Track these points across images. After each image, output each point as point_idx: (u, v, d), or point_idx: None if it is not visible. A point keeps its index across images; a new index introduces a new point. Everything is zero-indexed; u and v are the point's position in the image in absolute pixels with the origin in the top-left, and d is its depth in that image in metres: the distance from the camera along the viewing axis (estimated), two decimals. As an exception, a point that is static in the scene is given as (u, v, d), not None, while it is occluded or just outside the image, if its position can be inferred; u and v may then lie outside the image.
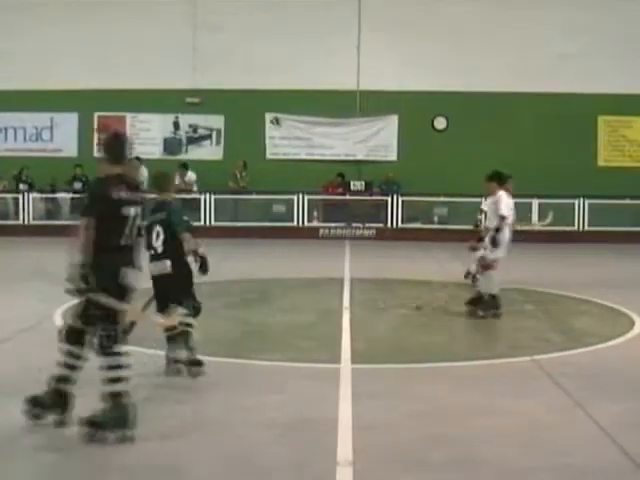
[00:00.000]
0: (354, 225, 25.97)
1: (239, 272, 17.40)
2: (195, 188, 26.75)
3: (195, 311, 8.86)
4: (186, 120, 28.25)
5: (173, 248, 8.73)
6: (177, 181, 26.75)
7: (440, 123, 27.90)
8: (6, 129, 28.23)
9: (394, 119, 27.89)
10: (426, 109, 27.35)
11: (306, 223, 26.31)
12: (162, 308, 8.82)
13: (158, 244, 8.74)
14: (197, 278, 8.93)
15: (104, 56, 26.52)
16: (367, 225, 26.06)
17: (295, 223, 26.27)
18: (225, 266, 18.78)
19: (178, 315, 8.53)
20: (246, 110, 27.24)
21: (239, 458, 6.20)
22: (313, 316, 12.61)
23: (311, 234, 25.59)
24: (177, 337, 8.71)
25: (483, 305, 12.41)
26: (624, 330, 11.45)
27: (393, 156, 27.97)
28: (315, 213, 26.55)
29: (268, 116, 27.99)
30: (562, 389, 8.19)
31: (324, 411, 7.28)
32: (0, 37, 26.82)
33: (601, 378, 8.74)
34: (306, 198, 26.29)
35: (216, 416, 7.25)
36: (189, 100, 27.62)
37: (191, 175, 26.78)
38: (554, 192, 25.04)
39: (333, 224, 26.23)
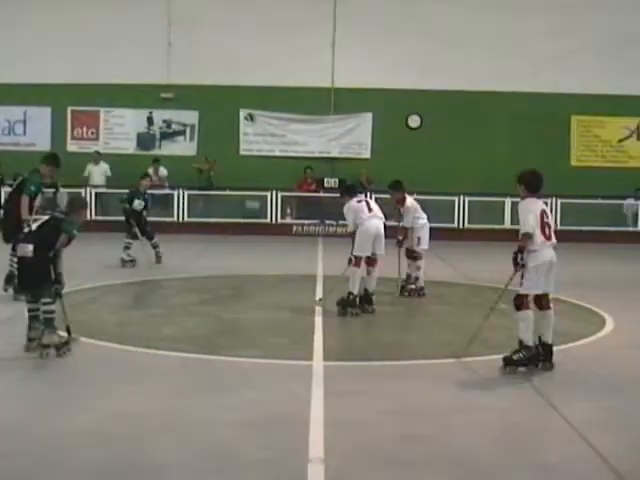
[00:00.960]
0: (327, 222, 25.96)
1: (212, 268, 17.36)
2: (166, 184, 26.69)
3: (56, 295, 9.28)
4: (160, 115, 28.14)
5: (44, 237, 9.21)
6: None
7: (414, 121, 27.94)
8: (-22, 122, 28.08)
9: (368, 117, 27.91)
10: (400, 107, 27.39)
11: (279, 220, 26.29)
12: (22, 288, 9.61)
13: (34, 226, 9.55)
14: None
15: (78, 50, 26.38)
16: (340, 222, 26.02)
17: (268, 220, 26.25)
18: (198, 262, 18.80)
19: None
20: (220, 106, 27.19)
21: (211, 455, 6.18)
22: (286, 313, 12.60)
23: (284, 231, 25.58)
24: (46, 323, 9.16)
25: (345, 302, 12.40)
26: (596, 329, 11.50)
27: (367, 153, 28.01)
28: (288, 210, 26.54)
29: (242, 112, 27.94)
30: (534, 388, 8.22)
31: (296, 409, 7.27)
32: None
33: (573, 377, 8.78)
34: (279, 195, 26.26)
35: (188, 413, 7.22)
36: (163, 95, 27.53)
37: (163, 170, 26.70)
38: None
39: (306, 221, 26.24)
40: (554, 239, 9.27)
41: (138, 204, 17.87)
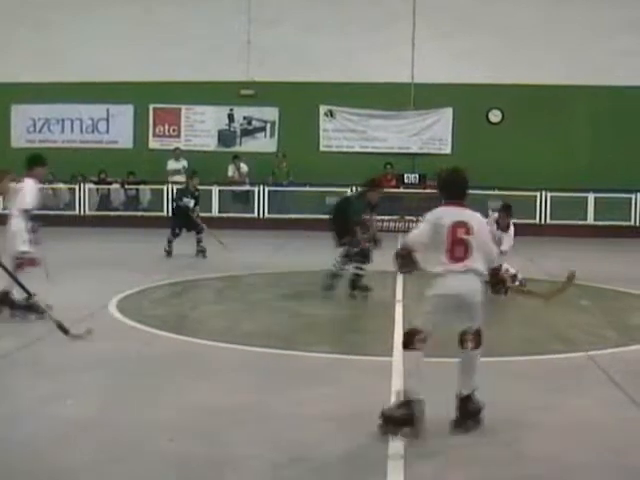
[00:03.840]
0: (407, 218, 25.87)
1: (292, 264, 17.42)
2: (247, 180, 26.90)
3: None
4: (240, 112, 28.34)
5: None
6: (231, 172, 26.95)
7: (495, 116, 27.69)
8: (63, 120, 28.55)
9: (448, 112, 27.74)
10: (481, 102, 27.16)
11: (359, 216, 26.23)
12: None
13: None
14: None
15: (159, 49, 26.62)
16: (421, 218, 25.92)
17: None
18: (277, 258, 18.89)
19: None
20: (300, 102, 27.26)
21: (290, 450, 6.19)
22: (365, 309, 12.59)
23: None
24: None
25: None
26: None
27: (447, 149, 27.84)
28: (369, 206, 26.48)
29: (322, 108, 27.99)
30: (618, 387, 8.08)
31: (375, 404, 7.23)
32: (57, 30, 27.06)
33: (656, 374, 8.62)
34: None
35: (266, 408, 7.25)
36: (244, 92, 27.68)
37: (244, 167, 26.87)
38: (610, 187, 24.77)
39: (386, 217, 26.15)
40: (469, 264, 6.74)
41: (187, 201, 18.61)
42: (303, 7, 27.09)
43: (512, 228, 14.47)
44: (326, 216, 25.71)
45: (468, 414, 6.73)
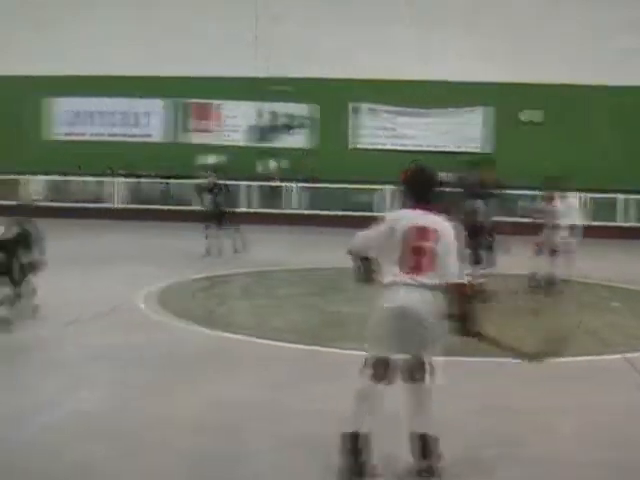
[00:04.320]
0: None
1: (320, 260, 17.39)
2: (277, 176, 26.94)
3: None
4: (272, 109, 28.35)
5: None
6: (261, 168, 27.02)
7: (527, 115, 27.55)
8: (94, 113, 28.69)
9: (479, 110, 27.63)
10: (512, 101, 27.03)
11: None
12: None
13: None
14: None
15: (194, 45, 26.68)
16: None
17: (378, 213, 26.17)
18: (306, 254, 18.86)
19: None
20: (332, 99, 27.26)
21: (299, 445, 6.15)
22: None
23: (394, 224, 25.48)
24: None
25: None
26: None
27: (477, 147, 27.73)
28: (397, 204, 26.46)
29: (352, 105, 27.95)
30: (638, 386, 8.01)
31: (391, 403, 7.15)
32: (93, 24, 27.20)
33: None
34: (389, 188, 26.20)
35: (283, 402, 7.24)
36: (276, 89, 27.69)
37: (274, 163, 26.92)
38: (637, 187, 24.59)
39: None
40: (423, 277, 5.62)
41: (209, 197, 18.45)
42: (340, 4, 27.06)
43: (558, 202, 14.72)
44: (354, 213, 26.14)
45: (431, 454, 5.70)
